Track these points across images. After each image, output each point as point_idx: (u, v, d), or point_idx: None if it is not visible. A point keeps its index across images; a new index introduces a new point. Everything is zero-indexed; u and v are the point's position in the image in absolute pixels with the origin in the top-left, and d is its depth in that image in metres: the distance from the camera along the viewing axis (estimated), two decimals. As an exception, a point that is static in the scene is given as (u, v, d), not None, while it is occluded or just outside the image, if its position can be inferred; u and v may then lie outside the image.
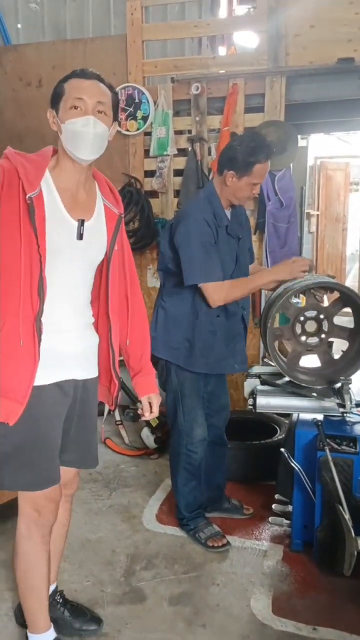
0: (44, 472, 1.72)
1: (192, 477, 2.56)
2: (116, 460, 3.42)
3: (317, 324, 2.44)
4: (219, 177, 2.40)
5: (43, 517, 1.76)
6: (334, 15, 3.55)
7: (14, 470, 1.68)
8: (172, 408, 2.53)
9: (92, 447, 1.91)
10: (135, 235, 4.10)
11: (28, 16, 4.75)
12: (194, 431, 2.50)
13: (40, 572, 1.80)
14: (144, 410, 1.91)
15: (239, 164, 2.29)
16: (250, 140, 2.33)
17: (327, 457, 2.22)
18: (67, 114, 1.59)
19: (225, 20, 4.64)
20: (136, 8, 3.97)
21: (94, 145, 1.61)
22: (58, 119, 1.61)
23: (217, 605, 2.18)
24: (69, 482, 1.91)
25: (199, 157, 3.93)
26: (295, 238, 3.90)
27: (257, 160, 2.28)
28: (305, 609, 2.15)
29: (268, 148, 2.32)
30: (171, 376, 2.49)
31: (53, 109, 1.63)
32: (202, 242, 2.31)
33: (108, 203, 1.75)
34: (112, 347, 1.80)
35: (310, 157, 6.30)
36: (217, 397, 2.63)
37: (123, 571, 2.38)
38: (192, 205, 2.45)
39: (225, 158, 2.36)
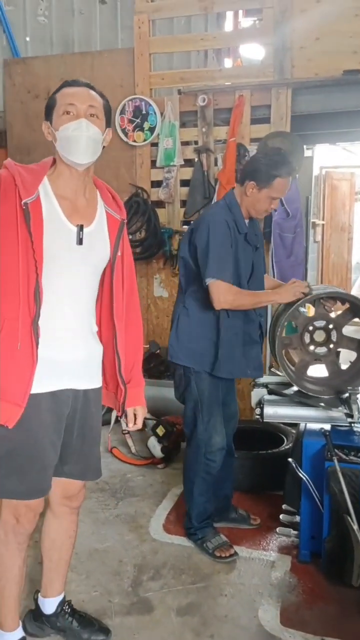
0: (33, 482, 1.71)
1: (209, 487, 2.55)
2: (123, 469, 3.42)
3: (325, 334, 2.45)
4: (240, 187, 2.44)
5: (21, 525, 1.77)
6: (339, 28, 3.59)
7: (3, 476, 1.67)
8: (192, 417, 2.53)
9: (94, 459, 1.89)
10: (142, 245, 4.13)
11: (36, 29, 4.82)
12: (213, 440, 2.50)
13: (12, 576, 1.81)
14: (128, 421, 1.91)
15: (261, 176, 2.33)
16: (274, 154, 2.40)
17: (335, 468, 2.22)
18: (59, 120, 1.61)
19: (232, 33, 4.70)
20: (143, 21, 4.03)
21: (88, 148, 1.61)
22: (52, 129, 1.64)
23: (225, 616, 2.17)
24: (75, 494, 1.91)
25: (205, 167, 3.97)
26: (301, 248, 3.92)
27: (278, 174, 2.32)
28: (313, 620, 2.14)
29: (291, 165, 2.39)
30: (191, 385, 2.49)
31: (47, 121, 1.66)
32: (220, 241, 2.34)
33: (110, 210, 1.76)
34: (118, 352, 1.78)
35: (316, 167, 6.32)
36: (227, 406, 2.64)
37: (130, 581, 2.37)
38: (213, 209, 2.49)
39: (248, 169, 2.41)
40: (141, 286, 4.29)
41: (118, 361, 1.79)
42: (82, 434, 1.80)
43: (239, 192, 2.43)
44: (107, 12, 4.67)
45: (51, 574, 2.00)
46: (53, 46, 4.80)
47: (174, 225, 4.14)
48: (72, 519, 1.96)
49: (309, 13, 3.65)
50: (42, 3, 4.80)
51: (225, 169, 3.87)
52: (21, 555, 1.82)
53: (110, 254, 1.75)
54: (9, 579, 1.81)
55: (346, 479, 2.21)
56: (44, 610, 2.02)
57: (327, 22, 3.61)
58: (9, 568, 1.80)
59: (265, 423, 2.68)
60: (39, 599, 2.04)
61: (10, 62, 4.61)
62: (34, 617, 2.05)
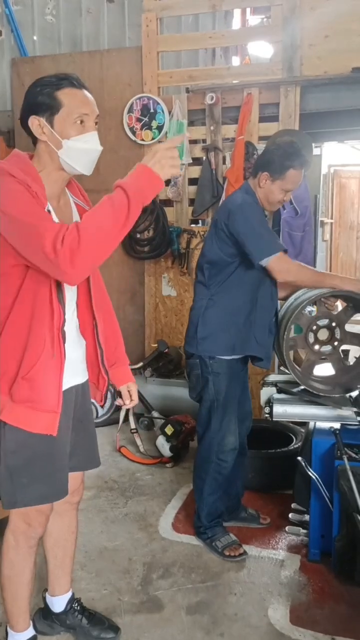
0: (57, 483, 1.72)
1: (219, 486, 2.55)
2: (131, 468, 3.42)
3: (329, 332, 2.44)
4: (253, 180, 2.45)
5: (32, 529, 1.77)
6: (348, 26, 3.58)
7: (27, 484, 1.67)
8: (206, 416, 2.53)
9: (94, 448, 1.92)
10: (150, 244, 4.13)
11: (44, 28, 4.83)
12: (226, 439, 2.50)
13: (23, 579, 1.82)
14: (123, 399, 1.93)
15: (274, 167, 2.35)
16: (287, 146, 2.40)
17: (345, 466, 2.21)
18: (70, 128, 1.53)
19: (240, 30, 4.69)
20: (151, 20, 4.03)
21: (96, 161, 1.61)
22: (54, 132, 1.54)
23: (235, 614, 2.17)
24: (76, 488, 1.92)
25: (213, 166, 3.96)
26: (310, 247, 3.91)
27: (292, 165, 2.33)
28: (323, 619, 2.13)
29: (304, 157, 2.39)
30: (209, 385, 2.49)
31: (41, 117, 1.54)
32: (259, 220, 2.36)
33: (78, 201, 1.74)
34: (99, 342, 1.78)
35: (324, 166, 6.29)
36: (241, 405, 2.63)
37: (140, 580, 2.37)
38: (238, 195, 2.48)
39: (261, 160, 2.43)
40: (149, 285, 4.29)
41: (100, 351, 1.79)
42: (83, 426, 1.83)
43: (253, 184, 2.45)
44: (115, 10, 4.67)
45: (57, 572, 2.01)
46: (61, 45, 4.81)
47: (182, 223, 4.13)
48: (72, 514, 1.97)
49: (318, 11, 3.64)
50: (49, 2, 4.81)
51: (234, 167, 3.87)
52: (31, 559, 1.82)
53: None
54: (20, 582, 1.82)
55: (356, 478, 2.20)
56: (53, 609, 2.03)
57: (337, 20, 3.60)
58: (20, 572, 1.81)
59: (274, 422, 2.68)
60: (47, 598, 2.05)
61: (19, 61, 4.62)
62: (43, 616, 2.06)
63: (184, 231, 4.09)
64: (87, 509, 2.87)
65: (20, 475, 1.65)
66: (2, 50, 4.85)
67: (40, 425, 1.62)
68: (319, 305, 2.46)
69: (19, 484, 1.66)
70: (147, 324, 4.33)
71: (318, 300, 2.43)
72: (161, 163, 1.46)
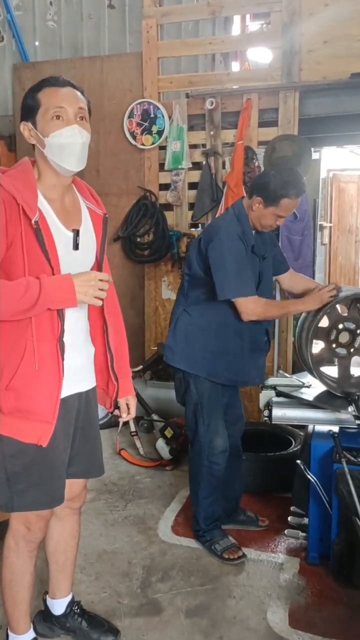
0: (54, 490, 1.72)
1: (214, 489, 2.56)
2: (131, 471, 3.43)
3: (350, 337, 2.45)
4: (248, 200, 2.43)
5: (32, 533, 1.78)
6: (347, 32, 3.60)
7: (23, 489, 1.67)
8: (193, 420, 2.54)
9: (97, 456, 1.91)
10: (150, 248, 4.15)
11: (45, 34, 4.86)
12: (215, 442, 2.51)
13: (23, 583, 1.82)
14: (121, 412, 1.92)
15: (268, 194, 2.32)
16: (286, 174, 2.35)
17: (343, 470, 2.22)
18: (49, 126, 1.54)
19: (240, 36, 4.72)
20: (152, 26, 4.05)
21: (82, 155, 1.58)
22: (38, 132, 1.56)
23: (234, 617, 2.18)
24: (78, 494, 1.92)
25: (213, 170, 3.98)
26: (309, 251, 3.92)
27: (286, 195, 2.30)
28: (322, 622, 2.14)
29: (302, 186, 2.35)
30: (191, 388, 2.51)
31: (27, 122, 1.58)
32: (237, 258, 2.34)
33: (91, 205, 1.73)
34: (110, 348, 1.79)
35: (323, 170, 6.33)
36: (232, 408, 2.65)
37: (139, 583, 2.38)
38: (224, 221, 2.47)
39: (257, 183, 2.39)
40: (149, 289, 4.31)
41: (110, 357, 1.79)
42: (85, 434, 1.82)
43: (247, 204, 2.43)
44: (115, 16, 4.70)
45: (58, 576, 2.01)
46: (62, 50, 4.83)
47: (182, 227, 4.15)
48: (74, 519, 1.97)
49: (317, 16, 3.66)
50: (51, 8, 4.84)
51: (233, 171, 3.89)
52: (32, 562, 1.83)
53: (98, 252, 1.73)
54: (21, 586, 1.82)
55: (355, 481, 2.21)
56: (54, 611, 2.04)
57: (336, 26, 3.61)
58: (20, 575, 1.81)
59: (272, 425, 2.70)
60: (48, 600, 2.06)
61: (20, 67, 4.65)
62: (43, 618, 2.07)
63: (183, 235, 4.11)
64: (86, 511, 2.87)
65: (17, 481, 1.66)
66: (4, 55, 4.88)
67: (33, 435, 1.61)
68: (352, 308, 2.47)
69: (16, 489, 1.66)
70: (147, 327, 4.34)
71: (353, 303, 2.44)
72: (88, 293, 1.53)
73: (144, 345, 4.36)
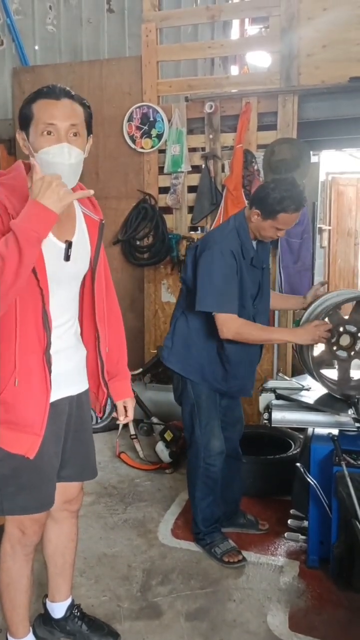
0: (43, 495, 1.71)
1: (211, 491, 2.56)
2: (131, 474, 3.43)
3: (351, 340, 2.45)
4: (249, 210, 2.41)
5: (27, 537, 1.77)
6: (345, 36, 3.62)
7: (13, 493, 1.66)
8: (189, 421, 2.55)
9: (91, 458, 1.90)
10: (149, 251, 4.16)
11: (45, 38, 4.88)
12: (211, 444, 2.51)
13: (21, 587, 1.82)
14: (118, 414, 1.93)
15: (266, 207, 2.29)
16: (285, 188, 2.28)
17: (343, 473, 2.22)
18: (38, 141, 1.49)
19: (239, 40, 4.73)
20: (151, 30, 4.07)
21: (70, 174, 1.51)
22: (30, 144, 1.52)
23: (234, 621, 2.17)
24: (74, 497, 1.91)
25: (212, 174, 3.99)
26: (308, 254, 3.93)
27: (283, 210, 2.27)
28: (322, 625, 2.14)
29: (300, 201, 2.29)
30: (187, 389, 2.52)
31: (22, 131, 1.53)
32: (224, 273, 2.31)
33: (87, 211, 1.71)
34: (101, 355, 1.78)
35: (322, 173, 6.35)
36: (231, 410, 2.65)
37: (139, 586, 2.38)
38: (221, 233, 2.43)
39: (257, 196, 2.36)
40: (149, 292, 4.31)
41: (101, 363, 1.78)
42: (78, 437, 1.81)
43: (248, 215, 2.41)
44: (115, 20, 4.72)
45: (58, 579, 2.01)
46: (62, 54, 4.85)
47: (182, 231, 4.16)
48: (72, 522, 1.97)
49: (316, 21, 3.68)
50: (50, 12, 4.86)
51: (233, 175, 3.90)
52: (29, 566, 1.83)
53: (92, 259, 1.71)
54: (18, 589, 1.82)
55: (354, 484, 2.21)
56: (54, 615, 2.04)
57: (334, 30, 3.63)
58: (17, 579, 1.81)
59: (272, 428, 2.70)
60: (48, 604, 2.05)
61: (20, 71, 4.66)
62: (43, 622, 2.06)
63: (183, 238, 4.12)
64: (86, 515, 2.87)
65: (7, 484, 1.65)
66: (4, 59, 4.90)
67: (20, 446, 1.59)
68: (354, 312, 2.46)
69: (6, 492, 1.65)
70: (147, 330, 4.35)
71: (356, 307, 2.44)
72: (58, 196, 1.41)
73: (144, 348, 4.37)
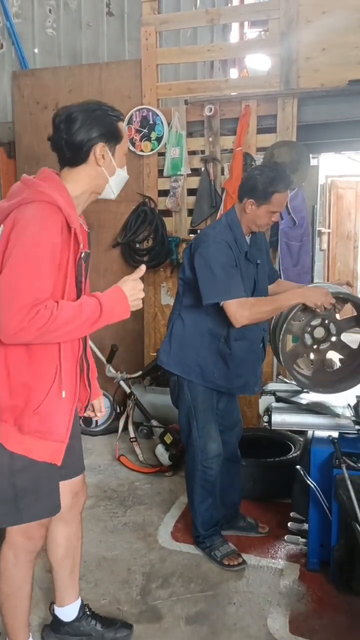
0: (56, 498, 1.73)
1: (209, 494, 2.56)
2: (130, 477, 3.42)
3: (324, 329, 2.44)
4: (239, 205, 2.43)
5: (33, 542, 1.77)
6: (344, 39, 3.62)
7: (32, 501, 1.67)
8: (186, 424, 2.54)
9: (81, 452, 1.94)
10: (149, 254, 4.16)
11: (45, 41, 4.88)
12: (209, 446, 2.51)
13: (23, 594, 1.81)
14: (95, 412, 1.98)
15: (258, 193, 2.34)
16: (270, 170, 2.37)
17: (343, 475, 2.22)
18: (122, 159, 1.68)
19: (238, 44, 4.75)
20: (150, 33, 4.08)
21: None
22: (114, 160, 1.63)
23: (234, 624, 2.17)
24: (80, 488, 1.93)
25: (212, 177, 3.99)
26: (308, 257, 3.93)
27: (276, 190, 2.33)
28: (322, 629, 2.13)
29: (288, 179, 2.38)
30: (184, 391, 2.51)
31: (106, 145, 1.61)
32: (223, 264, 2.32)
33: (81, 221, 1.74)
34: (86, 357, 1.80)
35: (321, 176, 6.35)
36: (229, 413, 2.65)
37: (139, 590, 2.37)
38: (214, 229, 2.47)
39: (245, 187, 2.40)
40: (148, 295, 4.31)
41: (87, 365, 1.81)
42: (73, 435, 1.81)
43: (239, 209, 2.44)
44: (114, 24, 4.73)
45: (68, 582, 1.99)
46: (61, 58, 4.86)
47: (181, 233, 4.16)
48: (79, 520, 1.98)
49: (315, 24, 3.68)
50: (50, 15, 4.87)
51: (232, 178, 3.90)
52: (31, 571, 1.82)
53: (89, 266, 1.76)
54: (20, 597, 1.81)
55: (355, 487, 2.20)
56: (64, 619, 2.01)
57: (333, 33, 3.64)
58: (20, 587, 1.80)
59: (271, 430, 2.69)
60: (56, 610, 2.02)
61: (19, 74, 4.67)
62: (53, 630, 2.03)
63: (182, 241, 4.12)
64: (86, 518, 2.83)
65: (25, 495, 1.65)
66: (3, 62, 4.90)
67: (47, 454, 1.63)
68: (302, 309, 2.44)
69: (24, 503, 1.65)
70: (146, 333, 4.34)
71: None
72: (137, 299, 1.62)
73: (143, 351, 4.36)
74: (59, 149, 1.61)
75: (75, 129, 1.57)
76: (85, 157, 1.60)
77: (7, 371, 1.57)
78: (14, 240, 1.48)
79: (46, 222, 1.49)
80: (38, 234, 1.48)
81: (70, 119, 1.58)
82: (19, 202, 1.52)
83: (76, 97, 4.38)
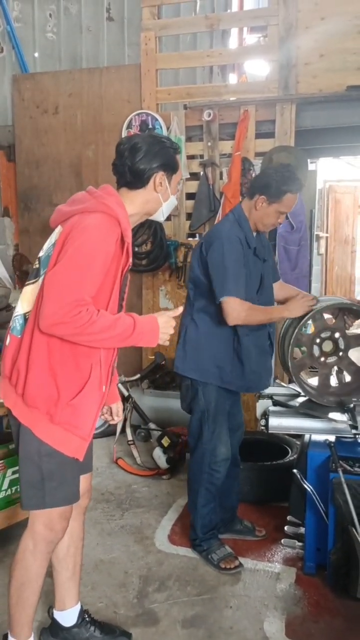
0: (77, 487, 1.80)
1: (213, 498, 2.56)
2: (128, 480, 3.42)
3: (332, 343, 2.47)
4: (248, 201, 2.46)
5: (55, 533, 1.79)
6: (343, 45, 3.66)
7: (56, 487, 1.73)
8: (197, 427, 2.54)
9: (92, 453, 1.96)
10: (147, 257, 4.18)
11: (45, 46, 4.91)
12: (218, 450, 2.51)
13: (36, 587, 1.82)
14: (113, 415, 2.06)
15: (271, 190, 2.37)
16: (285, 170, 2.42)
17: (340, 479, 2.23)
18: (175, 188, 1.82)
19: (237, 49, 4.78)
20: (150, 38, 4.10)
21: None
22: (169, 188, 1.78)
23: (231, 628, 2.17)
24: (87, 490, 1.96)
25: (210, 181, 4.01)
26: (305, 261, 3.95)
27: (289, 190, 2.36)
28: (319, 633, 2.13)
29: (300, 181, 2.43)
30: (199, 396, 2.51)
31: (164, 174, 1.76)
32: (237, 259, 2.37)
33: None
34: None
35: (320, 181, 6.39)
36: (233, 416, 2.65)
37: (136, 593, 2.37)
38: (224, 225, 2.51)
39: (259, 183, 2.44)
40: (147, 298, 4.32)
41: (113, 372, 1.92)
42: None
43: (248, 206, 2.46)
44: (114, 29, 4.76)
45: (69, 583, 1.99)
46: (61, 62, 4.89)
47: (180, 237, 4.18)
48: (82, 519, 2.01)
49: (314, 30, 3.71)
50: (50, 20, 4.90)
51: (231, 182, 3.92)
52: (46, 565, 1.84)
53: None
54: (33, 589, 1.82)
55: (351, 491, 2.21)
56: (64, 624, 2.00)
57: (332, 39, 3.67)
58: (34, 578, 1.81)
59: (268, 434, 2.70)
60: (56, 614, 2.02)
61: (20, 78, 4.69)
62: (52, 634, 2.03)
63: (181, 245, 4.14)
64: (83, 521, 2.87)
65: (52, 479, 1.72)
66: (4, 66, 4.93)
67: (71, 448, 1.71)
68: (317, 319, 2.47)
69: (50, 487, 1.72)
70: (145, 337, 4.35)
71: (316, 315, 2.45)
72: (167, 334, 1.72)
73: (142, 354, 4.37)
74: (121, 173, 1.76)
75: (139, 158, 1.72)
76: (145, 183, 1.75)
77: (49, 362, 1.66)
78: (72, 241, 1.60)
79: (106, 231, 1.63)
80: (96, 240, 1.61)
81: (135, 148, 1.72)
82: (83, 209, 1.66)
83: (76, 101, 4.42)
